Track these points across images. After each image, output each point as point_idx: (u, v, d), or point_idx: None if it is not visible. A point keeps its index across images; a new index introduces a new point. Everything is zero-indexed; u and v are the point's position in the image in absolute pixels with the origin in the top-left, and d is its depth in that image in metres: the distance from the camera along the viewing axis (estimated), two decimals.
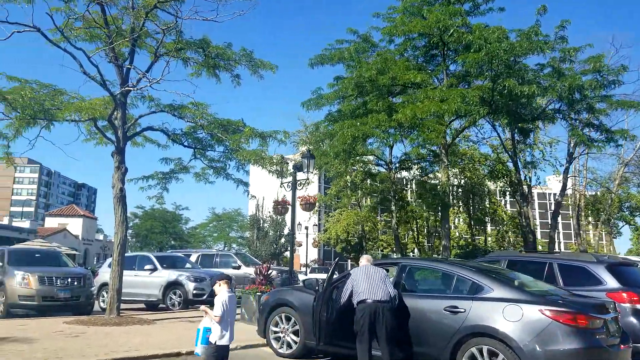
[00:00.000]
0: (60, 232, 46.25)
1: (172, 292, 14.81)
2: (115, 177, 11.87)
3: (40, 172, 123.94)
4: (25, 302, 11.82)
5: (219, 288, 5.62)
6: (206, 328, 5.44)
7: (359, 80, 16.62)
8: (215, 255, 19.48)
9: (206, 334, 5.42)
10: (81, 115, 10.65)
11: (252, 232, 40.43)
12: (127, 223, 11.86)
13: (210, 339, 5.37)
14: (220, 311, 5.33)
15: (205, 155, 14.52)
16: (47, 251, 15.89)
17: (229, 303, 5.45)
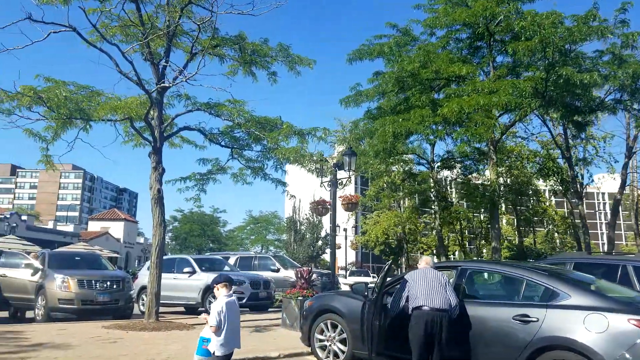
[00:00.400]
0: (102, 235, 47.25)
1: (211, 295, 14.44)
2: (153, 177, 11.59)
3: (84, 177, 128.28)
4: (65, 306, 11.66)
5: (217, 292, 5.01)
6: (203, 337, 4.90)
7: (400, 75, 15.88)
8: (254, 257, 19.10)
9: (202, 344, 4.89)
10: (117, 115, 10.39)
11: (289, 235, 40.10)
12: (165, 225, 11.56)
13: (210, 349, 4.82)
14: (215, 320, 4.73)
15: (243, 155, 14.15)
16: (86, 254, 15.87)
17: (228, 310, 4.83)
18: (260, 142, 13.32)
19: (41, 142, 11.74)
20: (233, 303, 4.98)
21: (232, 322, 4.86)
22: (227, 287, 5.01)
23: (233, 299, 5.00)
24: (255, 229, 60.30)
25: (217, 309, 4.78)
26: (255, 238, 59.85)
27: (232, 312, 4.90)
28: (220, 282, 5.00)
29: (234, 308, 4.96)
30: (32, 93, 9.32)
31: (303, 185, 58.04)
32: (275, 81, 13.59)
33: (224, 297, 4.90)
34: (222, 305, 4.81)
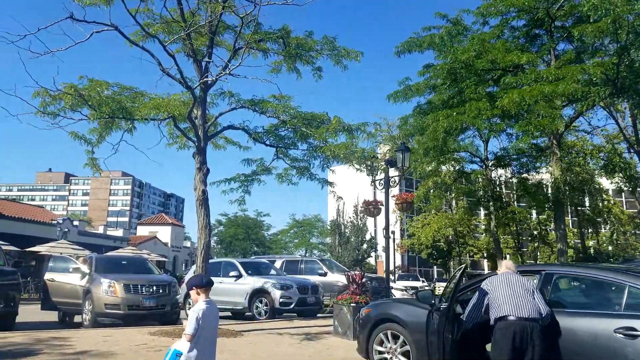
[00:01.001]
0: (150, 239, 48.09)
1: (258, 300, 13.98)
2: (197, 178, 11.18)
3: (133, 183, 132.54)
4: (111, 311, 11.40)
5: (195, 296, 4.35)
6: (176, 351, 4.18)
7: (453, 66, 14.92)
8: (300, 261, 18.52)
9: (175, 358, 4.17)
10: (160, 113, 10.02)
11: (333, 238, 39.41)
12: (210, 227, 11.11)
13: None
14: (192, 328, 4.09)
15: (288, 154, 13.60)
16: (133, 258, 15.72)
17: (206, 318, 4.18)
18: (306, 140, 12.74)
19: (86, 145, 11.56)
20: (213, 310, 4.31)
21: (210, 332, 4.24)
22: (206, 291, 4.36)
23: (214, 306, 4.36)
24: (299, 233, 59.94)
25: (195, 314, 4.14)
26: (299, 242, 59.48)
27: (210, 320, 4.25)
28: (199, 285, 4.32)
29: (212, 316, 4.30)
30: (73, 91, 9.06)
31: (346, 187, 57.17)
32: (320, 77, 13.00)
33: (202, 302, 4.25)
34: (201, 311, 4.17)
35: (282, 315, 13.90)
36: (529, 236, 30.12)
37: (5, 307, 10.69)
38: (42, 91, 9.21)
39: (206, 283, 4.38)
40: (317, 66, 12.90)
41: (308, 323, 12.37)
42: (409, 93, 16.19)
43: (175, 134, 13.59)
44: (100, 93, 9.20)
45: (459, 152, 20.61)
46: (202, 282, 4.36)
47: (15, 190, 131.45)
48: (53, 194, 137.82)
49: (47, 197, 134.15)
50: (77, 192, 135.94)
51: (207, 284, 4.38)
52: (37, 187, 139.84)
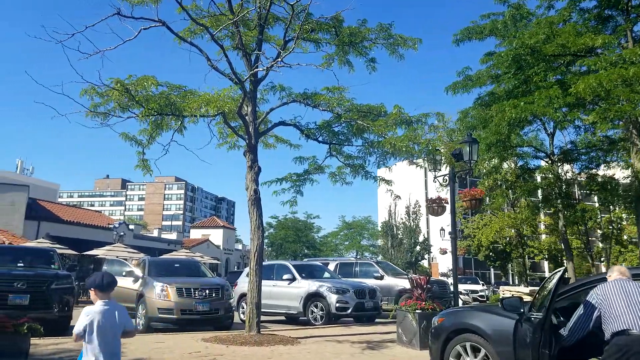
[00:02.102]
0: (203, 242, 48.72)
1: (313, 304, 13.37)
2: (249, 177, 10.71)
3: (186, 188, 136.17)
4: (164, 316, 11.08)
5: (94, 297, 3.85)
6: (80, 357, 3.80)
7: (518, 52, 13.76)
8: (355, 264, 17.78)
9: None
10: (209, 109, 9.58)
11: (385, 240, 38.38)
12: (263, 228, 10.59)
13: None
14: (80, 327, 3.66)
15: (341, 151, 12.93)
16: (186, 261, 15.49)
17: (103, 320, 3.71)
18: (361, 136, 12.03)
19: (137, 146, 11.37)
20: (111, 312, 3.79)
21: (108, 336, 3.74)
22: (105, 293, 3.84)
23: (112, 308, 3.81)
24: (349, 235, 59.14)
25: (84, 314, 3.72)
26: (349, 244, 58.69)
27: (108, 324, 3.75)
28: (97, 287, 3.80)
29: (110, 319, 3.78)
30: (119, 86, 8.74)
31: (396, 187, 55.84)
32: (374, 69, 12.26)
33: (100, 303, 3.78)
34: (94, 311, 3.72)
35: (339, 321, 13.21)
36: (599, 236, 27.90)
37: (60, 312, 10.56)
38: (89, 89, 8.97)
39: (106, 285, 3.84)
40: (371, 57, 12.18)
41: (367, 329, 11.63)
42: (469, 84, 15.13)
43: (225, 133, 13.26)
44: (147, 87, 8.83)
45: (522, 147, 19.27)
46: (102, 284, 3.81)
47: (76, 197, 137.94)
48: (111, 199, 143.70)
49: (105, 202, 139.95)
50: (133, 197, 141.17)
51: (107, 286, 3.84)
52: (96, 194, 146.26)
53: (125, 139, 11.21)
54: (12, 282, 10.26)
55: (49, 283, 10.66)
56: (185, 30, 11.29)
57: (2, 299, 9.97)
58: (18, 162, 55.10)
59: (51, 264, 12.32)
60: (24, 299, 10.24)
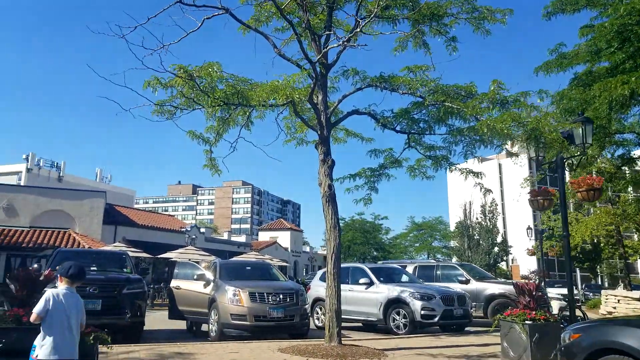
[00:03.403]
0: (271, 245, 48.73)
1: (394, 311, 12.20)
2: (322, 172, 9.78)
3: (252, 192, 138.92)
4: (237, 322, 10.34)
5: (59, 284, 4.06)
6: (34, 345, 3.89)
7: (624, 22, 11.87)
8: (436, 266, 16.36)
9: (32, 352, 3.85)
10: (277, 98, 8.73)
11: (460, 241, 36.27)
12: (339, 227, 9.61)
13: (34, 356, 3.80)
14: (39, 308, 3.83)
15: (422, 142, 11.73)
16: (257, 264, 14.84)
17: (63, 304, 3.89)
18: (445, 123, 10.77)
19: (204, 144, 10.83)
20: (72, 298, 3.99)
21: (67, 320, 3.90)
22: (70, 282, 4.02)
23: (75, 296, 4.04)
24: (419, 236, 56.96)
25: (46, 295, 3.89)
26: (420, 245, 56.48)
27: (69, 310, 3.92)
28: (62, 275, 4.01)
29: (71, 304, 3.96)
30: (182, 72, 8.07)
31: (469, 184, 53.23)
32: (455, 49, 10.91)
33: (62, 287, 4.00)
34: (56, 294, 3.89)
35: (424, 330, 11.96)
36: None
37: (132, 317, 10.12)
38: (153, 81, 8.39)
39: (70, 275, 4.00)
40: (452, 36, 10.88)
41: (460, 340, 10.32)
42: (563, 62, 13.36)
43: (293, 128, 12.47)
44: (212, 74, 8.11)
45: (623, 133, 16.99)
46: (67, 273, 4.00)
47: (150, 203, 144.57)
48: (183, 204, 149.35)
49: (178, 207, 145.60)
50: (204, 202, 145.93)
51: (70, 276, 4.00)
52: (169, 199, 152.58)
53: (192, 137, 10.72)
54: (83, 286, 9.89)
55: (121, 288, 10.27)
56: (251, 18, 10.57)
57: None
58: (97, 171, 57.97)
59: (123, 268, 12.04)
60: (96, 304, 9.89)
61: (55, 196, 28.87)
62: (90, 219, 28.64)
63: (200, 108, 9.10)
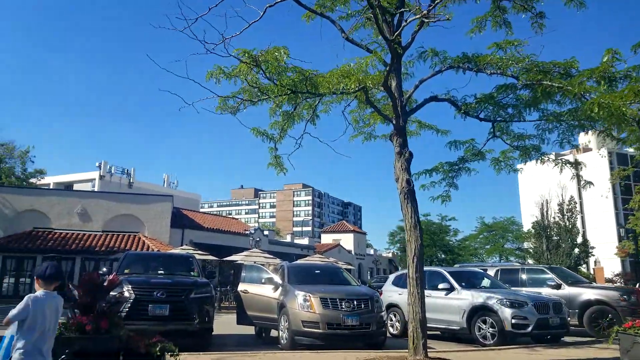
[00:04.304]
0: (334, 247, 48.05)
1: (480, 319, 11.02)
2: (398, 166, 8.85)
3: (313, 194, 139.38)
4: (309, 330, 9.60)
5: (37, 287, 4.00)
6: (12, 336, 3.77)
7: None
8: (521, 270, 14.90)
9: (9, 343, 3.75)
10: (349, 84, 7.89)
11: (538, 242, 33.80)
12: (421, 227, 8.64)
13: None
14: (16, 312, 3.70)
15: (508, 131, 10.53)
16: (327, 267, 14.06)
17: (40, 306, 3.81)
18: (537, 108, 9.53)
19: (269, 141, 10.26)
20: (51, 301, 3.95)
21: (44, 324, 3.85)
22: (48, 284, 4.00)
23: (55, 299, 4.00)
24: (490, 238, 54.11)
25: (26, 302, 3.78)
26: (491, 247, 53.64)
27: (47, 312, 3.89)
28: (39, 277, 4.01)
29: (51, 307, 3.93)
30: (247, 57, 7.40)
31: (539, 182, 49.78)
32: (541, 27, 9.68)
33: (41, 291, 3.96)
34: (34, 297, 3.84)
35: (515, 340, 10.69)
36: None
37: (200, 323, 9.64)
38: (215, 71, 7.82)
39: (47, 277, 4.01)
40: (539, 11, 9.63)
41: (560, 353, 9.06)
42: None
43: (361, 121, 11.67)
44: (279, 58, 7.40)
45: None
46: (43, 274, 4.01)
47: (215, 207, 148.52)
48: (245, 207, 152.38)
49: (241, 211, 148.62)
50: (266, 205, 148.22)
51: (47, 277, 4.01)
52: (233, 203, 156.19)
53: (256, 134, 10.19)
54: (151, 291, 9.57)
55: (188, 292, 9.83)
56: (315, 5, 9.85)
57: (142, 309, 9.29)
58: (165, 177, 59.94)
59: (190, 271, 11.67)
60: (164, 309, 9.49)
61: (125, 201, 29.69)
62: (158, 222, 29.19)
63: (267, 98, 8.47)
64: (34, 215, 27.21)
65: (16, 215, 26.99)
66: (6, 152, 42.42)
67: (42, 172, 45.30)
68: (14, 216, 26.93)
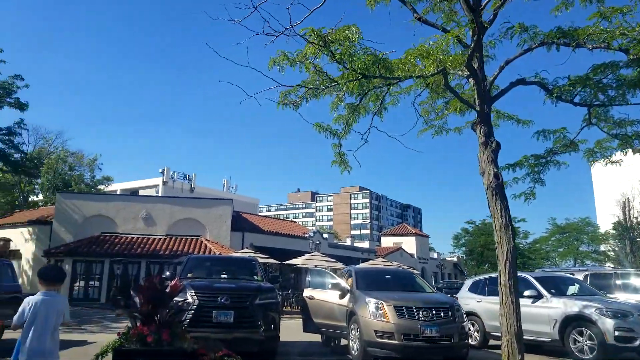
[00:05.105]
0: (396, 251, 46.71)
1: (575, 331, 9.75)
2: (484, 158, 7.86)
3: (370, 197, 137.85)
4: (383, 341, 8.74)
5: (39, 288, 4.19)
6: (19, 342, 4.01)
7: None
8: (614, 275, 13.32)
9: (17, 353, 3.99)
10: (427, 65, 6.99)
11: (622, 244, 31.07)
12: (513, 228, 7.59)
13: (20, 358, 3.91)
14: (16, 318, 3.96)
15: (607, 117, 9.23)
16: (398, 272, 13.14)
17: (43, 310, 3.97)
18: None
19: (332, 137, 9.55)
20: (51, 303, 4.07)
21: (45, 325, 3.98)
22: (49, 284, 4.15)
23: (55, 299, 4.11)
24: (563, 240, 50.70)
25: (25, 304, 4.04)
26: (564, 250, 50.24)
27: (46, 313, 4.01)
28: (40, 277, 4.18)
29: (50, 308, 4.04)
30: (315, 37, 6.65)
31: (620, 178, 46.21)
32: None
33: (40, 293, 4.11)
34: (33, 301, 4.03)
35: (619, 356, 9.33)
36: None
37: (265, 331, 9.00)
38: (279, 57, 7.17)
39: (48, 278, 4.18)
40: None
41: None
42: None
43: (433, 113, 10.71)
44: (350, 36, 6.62)
45: None
46: (44, 275, 4.18)
47: (273, 210, 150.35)
48: (302, 211, 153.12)
49: (298, 214, 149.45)
50: (322, 209, 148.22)
51: (48, 278, 4.17)
52: (290, 207, 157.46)
53: (319, 130, 9.51)
54: (215, 296, 9.03)
55: (253, 297, 9.22)
56: None
57: (206, 315, 8.76)
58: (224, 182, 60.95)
59: (253, 275, 11.12)
60: (229, 316, 8.91)
61: (187, 205, 30.03)
62: (219, 226, 29.29)
63: (334, 85, 7.74)
64: (101, 220, 28.02)
65: (85, 220, 27.90)
66: (76, 161, 44.48)
67: (109, 179, 47.17)
68: (83, 221, 27.84)
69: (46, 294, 4.10)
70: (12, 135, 27.17)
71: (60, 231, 27.35)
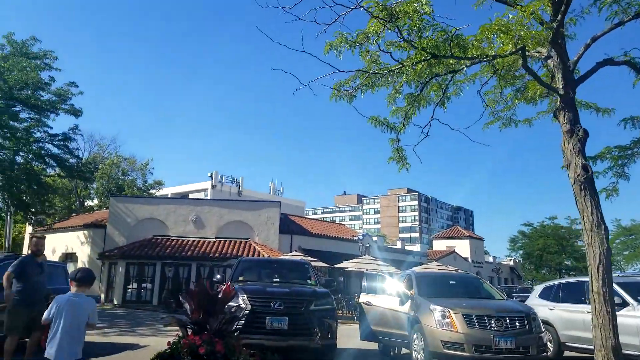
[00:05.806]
0: (449, 254, 45.10)
1: None
2: (569, 148, 6.93)
3: (419, 199, 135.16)
4: (451, 352, 7.95)
5: (71, 287, 4.42)
6: None
7: None
8: None
9: None
10: (505, 43, 6.15)
11: None
12: (606, 226, 6.61)
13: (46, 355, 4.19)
14: (46, 314, 4.25)
15: None
16: (463, 277, 12.21)
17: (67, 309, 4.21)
18: None
19: (389, 131, 8.83)
20: (77, 304, 4.29)
21: (71, 325, 4.21)
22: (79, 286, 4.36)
23: (81, 300, 4.32)
24: (628, 242, 47.42)
25: (52, 303, 4.30)
26: (630, 254, 46.97)
27: (72, 314, 4.24)
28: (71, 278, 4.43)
29: (76, 310, 4.26)
30: (379, 9, 5.93)
31: None
32: None
33: (69, 294, 4.34)
34: (60, 301, 4.26)
35: None
36: None
37: (322, 339, 8.39)
38: (337, 40, 6.53)
39: (78, 279, 4.36)
40: None
41: None
42: None
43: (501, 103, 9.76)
44: (418, 8, 5.87)
45: None
46: (75, 277, 4.39)
47: (319, 213, 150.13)
48: (349, 214, 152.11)
49: (345, 217, 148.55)
50: (369, 211, 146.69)
51: (78, 280, 4.36)
52: (336, 209, 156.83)
53: (375, 124, 8.82)
54: (268, 301, 8.51)
55: (308, 303, 8.63)
56: None
57: (259, 321, 8.24)
58: (271, 184, 61.10)
59: (307, 279, 10.55)
60: (283, 322, 8.37)
61: (236, 207, 29.96)
62: (267, 228, 29.02)
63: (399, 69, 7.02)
64: (153, 223, 28.35)
65: (137, 223, 28.30)
66: (129, 166, 45.68)
67: (160, 183, 48.20)
68: (135, 224, 28.26)
69: (74, 295, 4.31)
70: (67, 140, 27.90)
71: (114, 234, 27.87)
